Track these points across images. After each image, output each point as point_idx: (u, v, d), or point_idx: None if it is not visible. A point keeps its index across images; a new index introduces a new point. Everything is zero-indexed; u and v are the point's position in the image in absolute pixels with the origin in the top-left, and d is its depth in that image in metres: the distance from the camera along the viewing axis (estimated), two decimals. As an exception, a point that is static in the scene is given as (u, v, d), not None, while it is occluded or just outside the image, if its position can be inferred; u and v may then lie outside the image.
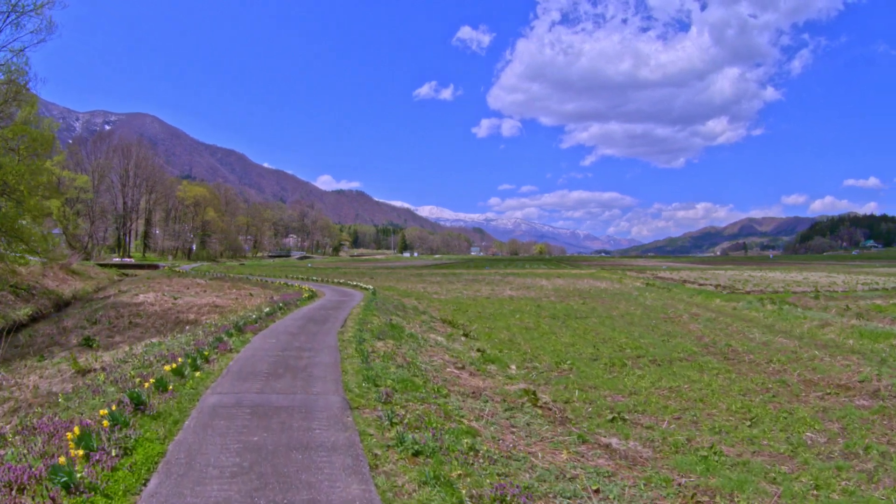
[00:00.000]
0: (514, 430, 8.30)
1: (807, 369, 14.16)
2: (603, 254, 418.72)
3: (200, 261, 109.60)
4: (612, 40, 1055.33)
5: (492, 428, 7.94)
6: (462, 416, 8.02)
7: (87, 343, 16.81)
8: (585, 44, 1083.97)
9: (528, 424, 8.74)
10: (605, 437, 9.06)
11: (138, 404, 6.64)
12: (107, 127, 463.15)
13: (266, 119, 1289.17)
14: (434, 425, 6.81)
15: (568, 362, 14.43)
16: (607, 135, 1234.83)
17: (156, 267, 77.96)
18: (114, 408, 6.56)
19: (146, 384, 7.58)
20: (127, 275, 65.24)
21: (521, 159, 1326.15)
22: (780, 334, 19.82)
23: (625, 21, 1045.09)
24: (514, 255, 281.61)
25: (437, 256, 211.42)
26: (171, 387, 7.60)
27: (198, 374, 8.30)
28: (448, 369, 11.79)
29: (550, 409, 10.11)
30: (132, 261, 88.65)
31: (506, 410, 9.31)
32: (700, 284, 43.93)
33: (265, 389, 7.63)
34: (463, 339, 17.34)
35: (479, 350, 14.98)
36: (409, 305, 26.05)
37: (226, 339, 11.55)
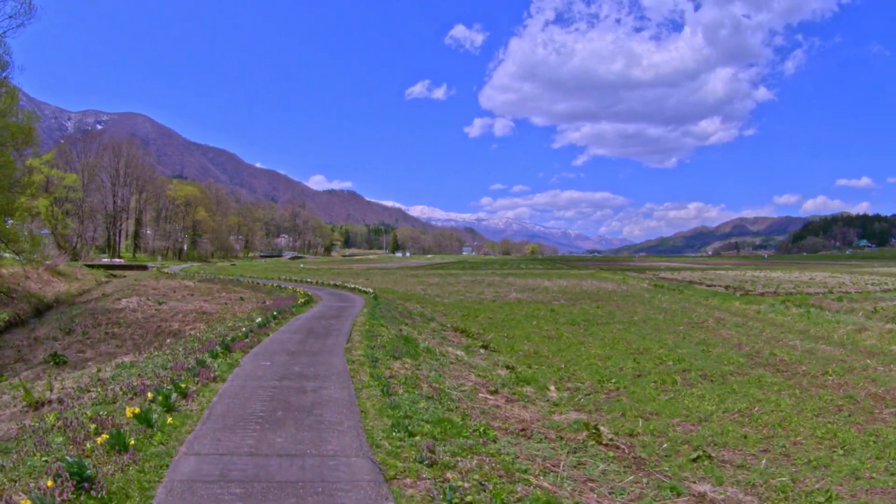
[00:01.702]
0: (592, 485, 6.36)
1: (867, 381, 12.79)
2: (595, 253, 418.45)
3: (191, 261, 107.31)
4: (605, 40, 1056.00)
5: (567, 486, 5.98)
6: (527, 472, 6.03)
7: (54, 360, 14.62)
8: (578, 43, 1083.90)
9: (604, 473, 6.82)
10: (695, 483, 7.27)
11: (81, 480, 4.59)
12: (98, 126, 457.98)
13: (258, 119, 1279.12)
14: (503, 497, 4.84)
15: (613, 381, 12.50)
16: (599, 135, 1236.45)
17: (145, 268, 75.92)
18: (49, 483, 4.55)
19: (99, 439, 5.54)
20: (115, 276, 63.10)
21: (513, 159, 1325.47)
22: (820, 341, 18.39)
23: (618, 21, 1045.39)
24: (506, 254, 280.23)
25: (429, 256, 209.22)
26: (132, 442, 5.55)
27: (170, 419, 6.21)
28: (481, 395, 9.80)
29: (619, 448, 8.17)
30: (122, 261, 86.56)
31: (569, 454, 7.37)
32: (708, 285, 42.54)
33: (261, 447, 5.53)
34: (482, 351, 15.33)
35: (507, 367, 12.98)
36: (414, 311, 24.00)
37: (209, 361, 9.40)
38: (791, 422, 9.89)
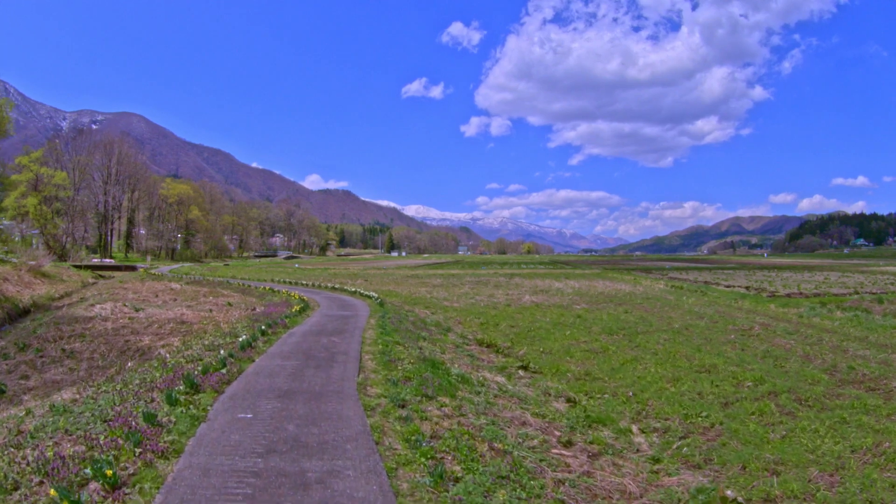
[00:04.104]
0: None
1: (964, 396, 10.85)
2: (592, 252, 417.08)
3: (183, 261, 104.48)
4: (602, 39, 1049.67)
5: None
6: None
7: (-12, 388, 11.68)
8: (575, 42, 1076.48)
9: None
10: None
11: None
12: (93, 126, 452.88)
13: (254, 119, 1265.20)
14: None
15: (702, 414, 9.66)
16: (595, 134, 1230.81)
17: (134, 268, 73.24)
18: None
19: None
20: (103, 277, 60.25)
21: (509, 158, 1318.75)
22: (887, 349, 15.94)
23: (616, 20, 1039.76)
24: (502, 253, 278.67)
25: (425, 256, 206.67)
26: None
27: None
28: (554, 450, 6.92)
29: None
30: (112, 262, 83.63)
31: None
32: (727, 286, 40.78)
33: None
34: (522, 374, 12.42)
35: (566, 399, 10.06)
36: (428, 320, 21.01)
37: (163, 413, 6.35)
38: (930, 460, 7.76)
